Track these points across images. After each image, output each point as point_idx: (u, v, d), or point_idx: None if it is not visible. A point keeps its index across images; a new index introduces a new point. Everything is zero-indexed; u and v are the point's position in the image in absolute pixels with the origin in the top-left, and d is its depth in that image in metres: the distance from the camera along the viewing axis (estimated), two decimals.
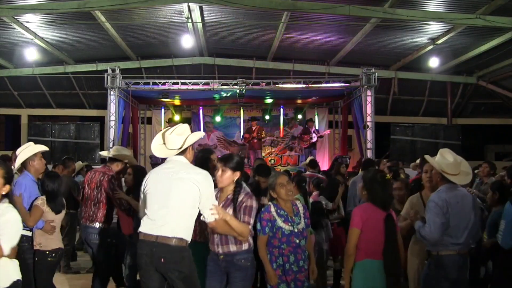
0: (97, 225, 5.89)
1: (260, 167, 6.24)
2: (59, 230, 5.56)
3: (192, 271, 4.09)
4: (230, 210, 4.21)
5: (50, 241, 5.36)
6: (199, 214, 4.06)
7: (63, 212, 5.57)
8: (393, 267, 4.14)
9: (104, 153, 6.54)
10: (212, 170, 4.50)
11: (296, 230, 4.58)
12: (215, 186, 4.27)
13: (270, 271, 4.53)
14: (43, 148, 5.73)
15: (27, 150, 5.54)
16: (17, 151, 5.59)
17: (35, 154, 5.54)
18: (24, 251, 5.31)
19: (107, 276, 6.15)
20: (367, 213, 4.20)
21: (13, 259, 3.61)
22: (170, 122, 16.97)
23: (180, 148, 4.09)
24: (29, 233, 5.36)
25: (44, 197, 5.37)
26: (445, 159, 4.51)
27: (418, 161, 9.11)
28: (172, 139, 4.11)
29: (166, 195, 3.95)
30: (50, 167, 9.93)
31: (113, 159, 6.20)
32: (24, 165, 5.55)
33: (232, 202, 4.25)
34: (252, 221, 4.23)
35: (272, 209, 4.62)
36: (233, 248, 4.23)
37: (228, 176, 4.25)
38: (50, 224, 5.35)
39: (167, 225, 3.90)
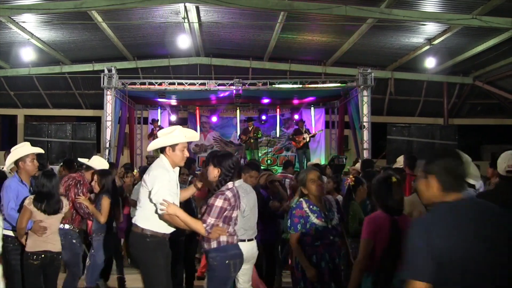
0: (61, 226, 5.89)
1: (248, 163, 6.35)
2: (56, 232, 5.31)
3: (146, 259, 4.39)
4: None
5: (36, 243, 5.11)
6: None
7: (60, 214, 5.32)
8: (387, 279, 3.70)
9: (83, 160, 6.66)
10: None
11: (329, 226, 4.47)
12: None
13: (307, 266, 4.37)
14: (38, 150, 5.63)
15: (20, 150, 5.43)
16: (11, 150, 5.51)
17: (27, 155, 5.40)
18: (8, 251, 5.18)
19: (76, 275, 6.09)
20: (380, 223, 3.79)
21: None
22: (154, 123, 17.00)
23: (151, 149, 4.65)
24: (12, 234, 5.25)
25: (31, 197, 5.13)
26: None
27: (399, 159, 8.84)
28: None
29: None
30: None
31: (89, 167, 6.42)
32: (16, 165, 5.46)
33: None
34: (211, 220, 4.14)
35: (304, 205, 4.50)
36: (205, 245, 4.34)
37: (210, 171, 4.39)
38: (39, 224, 5.10)
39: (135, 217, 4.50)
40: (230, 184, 4.33)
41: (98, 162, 6.50)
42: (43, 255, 5.11)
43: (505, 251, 2.34)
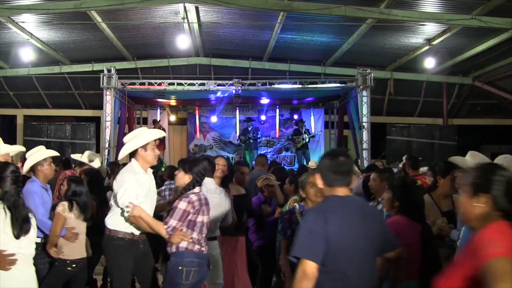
0: None
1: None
2: (86, 238, 5.23)
3: (111, 261, 4.59)
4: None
5: (73, 250, 5.04)
6: None
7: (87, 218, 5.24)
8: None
9: (76, 156, 6.64)
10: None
11: None
12: None
13: (289, 277, 4.22)
14: (54, 153, 5.56)
15: (37, 154, 5.31)
16: (27, 154, 5.40)
17: (44, 159, 5.30)
18: (35, 256, 5.14)
19: None
20: (400, 228, 3.54)
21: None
22: (156, 124, 17.02)
23: (122, 155, 4.80)
24: (38, 239, 4.96)
25: (65, 203, 5.04)
26: (483, 159, 4.28)
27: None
28: None
29: None
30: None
31: (82, 164, 6.45)
32: (32, 170, 5.32)
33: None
34: (173, 222, 4.16)
35: (297, 210, 4.39)
36: (168, 249, 4.35)
37: (180, 176, 4.42)
38: (72, 231, 5.04)
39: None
40: (197, 189, 4.35)
41: (93, 158, 6.44)
42: (80, 263, 5.08)
43: (377, 242, 2.82)
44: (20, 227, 3.43)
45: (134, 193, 4.39)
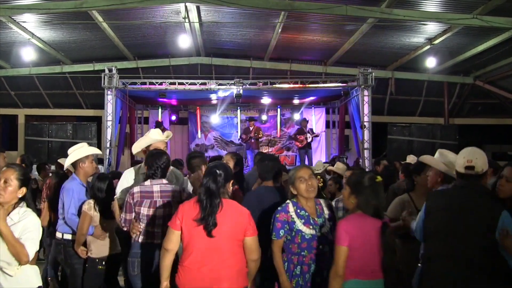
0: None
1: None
2: (114, 236, 5.24)
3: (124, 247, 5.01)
4: None
5: (101, 248, 5.06)
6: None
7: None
8: (397, 282, 3.85)
9: (63, 161, 6.72)
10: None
11: (319, 234, 3.97)
12: None
13: (284, 282, 3.96)
14: (97, 151, 5.59)
15: (80, 151, 5.31)
16: (69, 150, 5.39)
17: (87, 157, 5.31)
18: (70, 256, 5.15)
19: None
20: (356, 227, 3.55)
21: (33, 265, 3.56)
22: (160, 126, 16.98)
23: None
24: (69, 236, 5.21)
25: (91, 201, 5.03)
26: (448, 158, 4.39)
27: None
28: None
29: None
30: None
31: None
32: (74, 166, 5.32)
33: None
34: (124, 215, 4.36)
35: (291, 208, 4.04)
36: None
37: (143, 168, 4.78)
38: (100, 229, 5.05)
39: None
40: (147, 182, 4.39)
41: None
42: (111, 260, 5.11)
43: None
44: None
45: (121, 192, 4.79)
